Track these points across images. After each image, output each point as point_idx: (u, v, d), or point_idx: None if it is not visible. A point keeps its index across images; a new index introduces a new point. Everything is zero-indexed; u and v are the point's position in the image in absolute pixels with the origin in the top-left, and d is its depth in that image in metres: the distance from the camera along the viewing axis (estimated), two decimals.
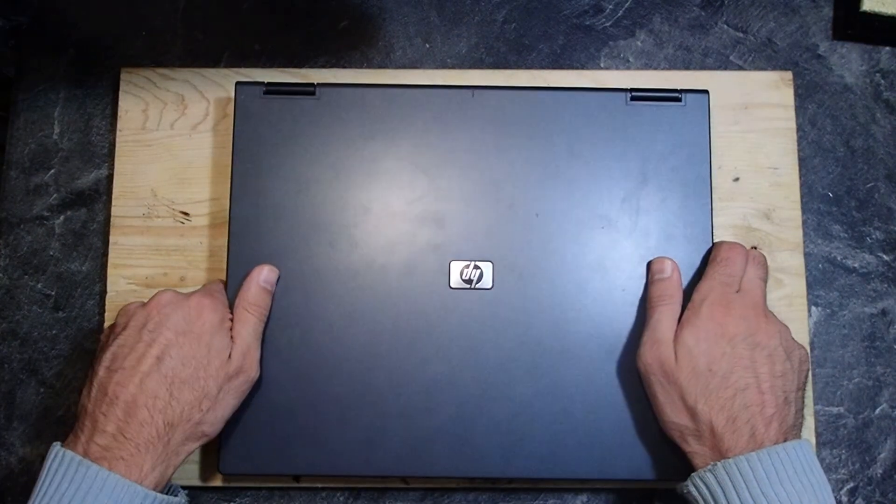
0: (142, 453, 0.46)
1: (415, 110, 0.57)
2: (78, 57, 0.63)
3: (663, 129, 0.56)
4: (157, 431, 0.46)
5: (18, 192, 0.61)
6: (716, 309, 0.50)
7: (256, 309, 0.52)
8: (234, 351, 0.51)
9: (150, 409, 0.46)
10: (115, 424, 0.46)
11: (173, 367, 0.48)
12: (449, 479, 0.57)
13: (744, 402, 0.47)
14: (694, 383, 0.49)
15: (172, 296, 0.51)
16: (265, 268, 0.54)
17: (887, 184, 0.61)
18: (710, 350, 0.49)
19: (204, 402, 0.48)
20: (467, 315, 0.54)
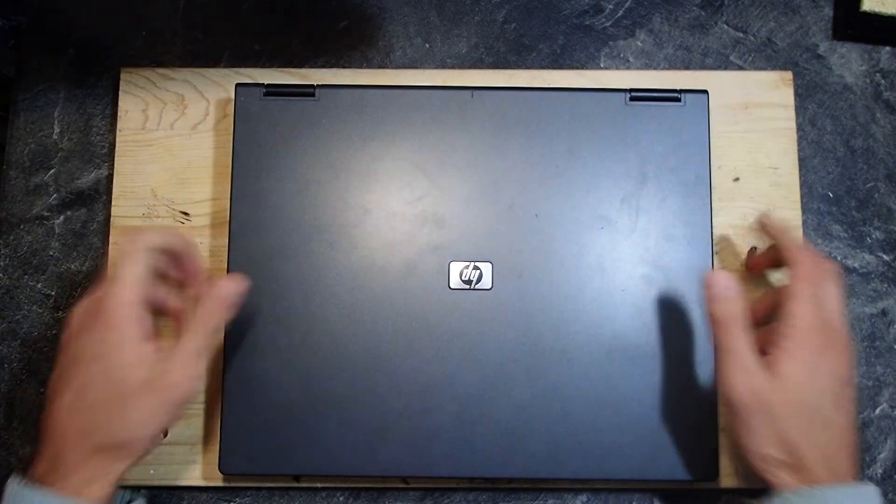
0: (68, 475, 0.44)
1: (415, 111, 0.57)
2: (78, 57, 0.63)
3: (663, 129, 0.56)
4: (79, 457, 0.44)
5: (18, 192, 0.61)
6: (816, 339, 0.47)
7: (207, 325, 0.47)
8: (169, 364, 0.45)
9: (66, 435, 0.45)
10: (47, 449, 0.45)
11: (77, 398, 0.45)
12: (449, 479, 0.57)
13: (840, 443, 0.46)
14: (797, 419, 0.46)
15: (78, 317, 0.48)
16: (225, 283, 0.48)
17: (887, 184, 0.61)
18: (816, 386, 0.46)
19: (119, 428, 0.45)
20: (467, 316, 0.54)
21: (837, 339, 0.48)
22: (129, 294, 0.46)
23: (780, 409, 0.46)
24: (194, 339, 0.47)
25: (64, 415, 0.45)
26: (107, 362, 0.45)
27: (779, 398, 0.46)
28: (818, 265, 0.49)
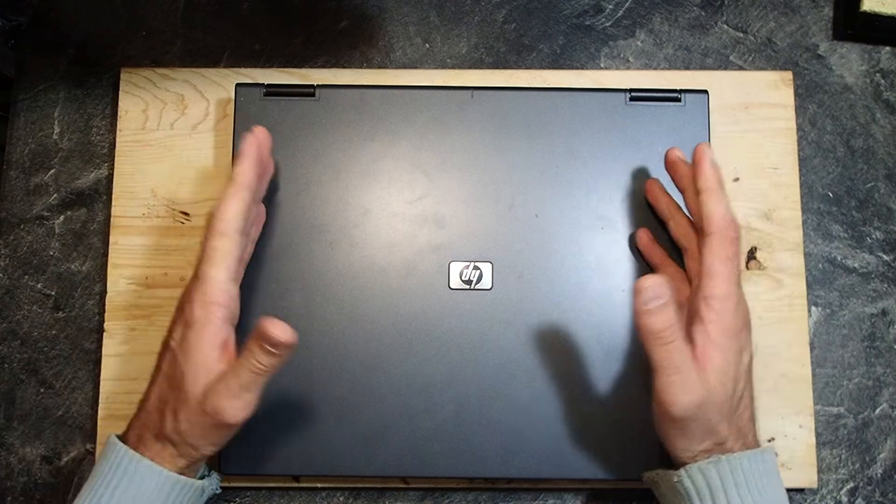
0: (158, 445, 0.47)
1: (414, 111, 0.57)
2: (78, 57, 0.63)
3: (663, 129, 0.56)
4: (152, 439, 0.47)
5: (18, 192, 0.61)
6: (736, 322, 0.47)
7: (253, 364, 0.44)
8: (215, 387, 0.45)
9: (148, 417, 0.48)
10: (136, 419, 0.48)
11: (163, 386, 0.47)
12: (449, 479, 0.57)
13: (748, 415, 0.48)
14: (722, 408, 0.46)
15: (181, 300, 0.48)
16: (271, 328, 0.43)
17: (887, 184, 0.61)
18: (737, 371, 0.46)
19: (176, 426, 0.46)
20: (467, 315, 0.54)
21: (746, 313, 0.48)
22: (215, 294, 0.46)
23: (713, 407, 0.46)
24: (238, 374, 0.44)
25: (152, 395, 0.48)
26: (182, 364, 0.46)
27: (711, 398, 0.45)
28: (734, 235, 0.47)
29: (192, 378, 0.45)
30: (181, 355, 0.46)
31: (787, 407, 0.57)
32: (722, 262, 0.47)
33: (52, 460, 0.58)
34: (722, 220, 0.47)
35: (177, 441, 0.46)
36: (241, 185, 0.48)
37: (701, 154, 0.49)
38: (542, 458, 0.53)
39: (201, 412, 0.45)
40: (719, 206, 0.48)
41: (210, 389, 0.45)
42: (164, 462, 0.46)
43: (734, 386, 0.46)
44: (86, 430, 0.59)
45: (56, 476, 0.58)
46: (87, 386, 0.59)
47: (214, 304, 0.46)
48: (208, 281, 0.46)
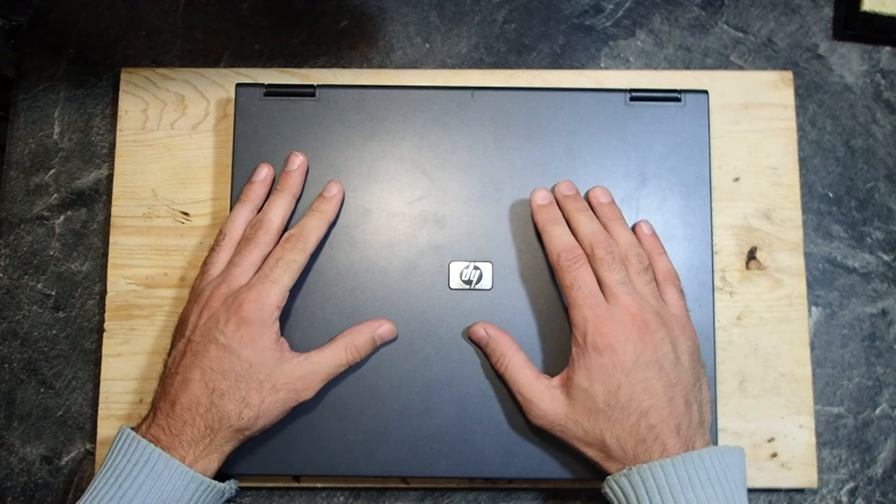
0: (184, 447, 0.48)
1: (414, 111, 0.57)
2: (78, 57, 0.63)
3: (663, 129, 0.56)
4: (199, 432, 0.49)
5: (18, 192, 0.61)
6: (598, 340, 0.49)
7: (354, 352, 0.52)
8: (298, 368, 0.50)
9: (193, 412, 0.49)
10: (166, 419, 0.49)
11: (214, 379, 0.49)
12: (449, 479, 0.57)
13: (648, 424, 0.47)
14: (595, 421, 0.48)
15: (223, 298, 0.51)
16: (385, 325, 0.53)
17: (887, 184, 0.61)
18: (606, 386, 0.48)
19: (245, 412, 0.49)
20: (467, 315, 0.54)
21: (623, 326, 0.49)
22: (279, 299, 0.51)
23: (581, 419, 0.49)
24: (335, 358, 0.52)
25: (196, 391, 0.49)
26: (249, 357, 0.49)
27: (576, 410, 0.49)
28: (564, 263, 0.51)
29: (265, 368, 0.49)
30: (245, 349, 0.49)
31: (787, 407, 0.57)
32: (566, 291, 0.51)
33: (52, 460, 0.58)
34: (551, 254, 0.52)
35: (244, 426, 0.49)
36: (329, 214, 0.54)
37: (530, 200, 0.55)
38: (542, 458, 0.53)
39: (285, 393, 0.50)
40: (547, 242, 0.53)
41: (294, 374, 0.50)
42: (207, 455, 0.49)
43: (606, 400, 0.48)
44: (86, 430, 0.59)
45: (56, 476, 0.58)
46: (87, 386, 0.59)
47: (278, 307, 0.51)
48: (279, 287, 0.51)
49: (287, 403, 0.50)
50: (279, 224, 0.53)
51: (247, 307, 0.49)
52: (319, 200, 0.55)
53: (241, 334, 0.49)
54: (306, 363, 0.51)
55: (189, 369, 0.49)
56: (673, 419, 0.48)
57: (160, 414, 0.49)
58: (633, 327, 0.49)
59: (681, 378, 0.49)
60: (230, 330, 0.49)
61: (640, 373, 0.48)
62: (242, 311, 0.49)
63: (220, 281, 0.51)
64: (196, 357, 0.50)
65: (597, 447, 0.49)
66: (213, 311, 0.50)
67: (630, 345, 0.48)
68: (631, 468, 0.47)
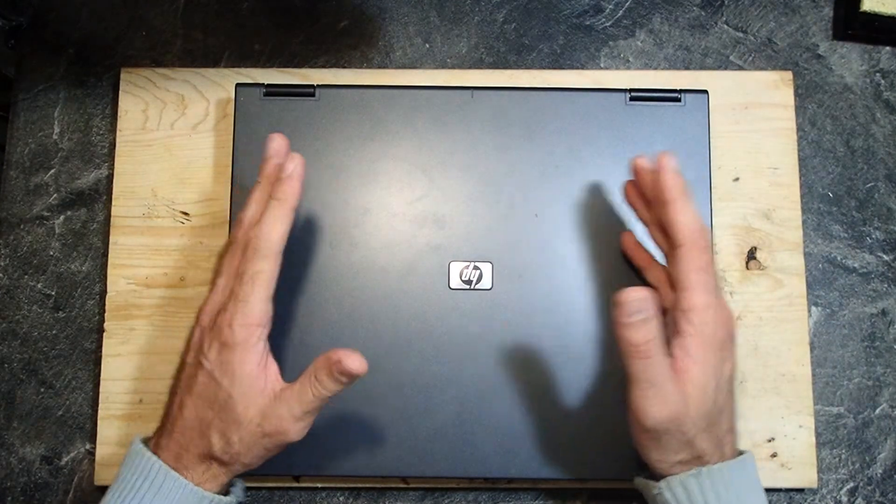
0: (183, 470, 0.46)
1: (415, 111, 0.57)
2: (78, 57, 0.63)
3: (663, 129, 0.57)
4: (195, 459, 0.46)
5: (18, 192, 0.61)
6: (719, 333, 0.46)
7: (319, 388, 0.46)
8: (271, 406, 0.45)
9: (188, 439, 0.46)
10: (167, 440, 0.47)
11: (201, 407, 0.46)
12: (449, 479, 0.57)
13: (727, 426, 0.47)
14: (700, 423, 0.45)
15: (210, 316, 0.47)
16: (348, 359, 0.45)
17: (887, 184, 0.61)
18: (718, 384, 0.46)
19: (226, 447, 0.46)
20: (467, 315, 0.54)
21: (728, 322, 0.47)
22: (257, 316, 0.46)
23: (690, 421, 0.45)
24: (302, 397, 0.45)
25: (189, 416, 0.46)
26: (227, 387, 0.45)
27: (688, 412, 0.45)
28: (704, 244, 0.46)
29: (243, 403, 0.45)
30: (224, 378, 0.45)
31: (787, 407, 0.57)
32: (695, 273, 0.46)
33: (52, 460, 0.58)
34: (689, 230, 0.46)
35: (227, 461, 0.46)
36: (289, 207, 0.47)
37: (662, 164, 0.48)
38: (542, 458, 0.53)
39: (261, 434, 0.45)
40: (685, 215, 0.47)
41: (269, 413, 0.45)
42: (205, 483, 0.46)
43: (714, 399, 0.45)
44: (86, 430, 0.59)
45: (56, 476, 0.58)
46: (87, 386, 0.59)
47: (257, 325, 0.46)
48: (251, 303, 0.45)
49: (266, 446, 0.46)
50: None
51: (225, 332, 0.45)
52: (276, 185, 0.48)
53: (222, 360, 0.45)
54: (278, 402, 0.46)
55: (184, 393, 0.47)
56: (734, 424, 0.48)
57: (164, 433, 0.47)
58: (733, 327, 0.47)
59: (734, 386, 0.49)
60: (213, 355, 0.46)
61: (732, 377, 0.47)
62: (222, 336, 0.45)
63: (210, 294, 0.48)
64: (188, 382, 0.47)
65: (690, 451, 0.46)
66: (202, 331, 0.47)
67: (732, 346, 0.47)
68: (700, 469, 0.45)
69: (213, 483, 0.46)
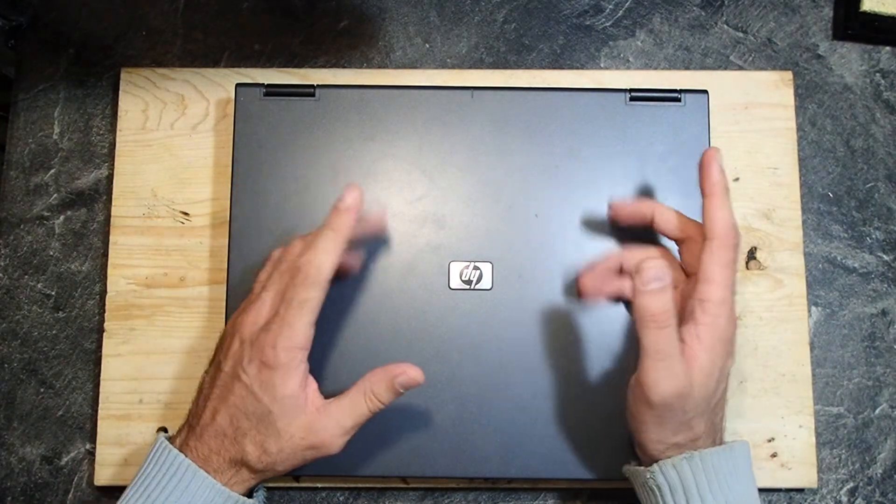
0: (212, 473, 0.47)
1: (414, 111, 0.57)
2: (78, 57, 0.63)
3: (663, 129, 0.56)
4: (224, 463, 0.47)
5: (18, 192, 0.61)
6: (728, 328, 0.48)
7: (375, 402, 0.48)
8: (316, 422, 0.47)
9: (219, 443, 0.47)
10: (196, 442, 0.48)
11: (237, 416, 0.47)
12: (449, 479, 0.57)
13: (722, 414, 0.49)
14: (701, 407, 0.47)
15: (250, 329, 0.48)
16: (409, 372, 0.47)
17: (887, 184, 0.61)
18: (721, 373, 0.47)
19: (263, 457, 0.47)
20: (467, 316, 0.54)
21: (735, 320, 0.48)
22: (302, 340, 0.47)
23: (693, 402, 0.46)
24: (354, 411, 0.48)
25: (222, 422, 0.47)
26: (267, 404, 0.46)
27: (692, 392, 0.46)
28: (734, 241, 0.48)
29: (284, 419, 0.46)
30: (265, 396, 0.46)
31: (787, 407, 0.57)
32: (721, 268, 0.47)
33: (52, 460, 0.58)
34: (723, 226, 0.48)
35: (261, 469, 0.47)
36: (341, 237, 0.48)
37: (709, 159, 0.49)
38: (542, 458, 0.53)
39: (304, 447, 0.47)
40: (722, 211, 0.48)
41: (313, 427, 0.47)
42: (232, 487, 0.47)
43: (716, 388, 0.47)
44: (86, 430, 0.59)
45: (56, 476, 0.58)
46: (87, 386, 0.59)
47: (300, 349, 0.47)
48: (296, 328, 0.46)
49: (306, 457, 0.48)
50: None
51: (267, 352, 0.46)
52: (332, 214, 0.49)
53: (262, 379, 0.46)
54: (326, 414, 0.47)
55: (218, 401, 0.48)
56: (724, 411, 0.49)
57: (192, 435, 0.48)
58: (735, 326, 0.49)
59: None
60: (253, 371, 0.46)
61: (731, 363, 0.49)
62: (263, 356, 0.46)
63: (251, 306, 0.48)
64: (224, 390, 0.48)
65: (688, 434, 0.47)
66: (242, 343, 0.48)
67: (734, 343, 0.49)
68: (692, 454, 0.46)
69: (240, 487, 0.48)
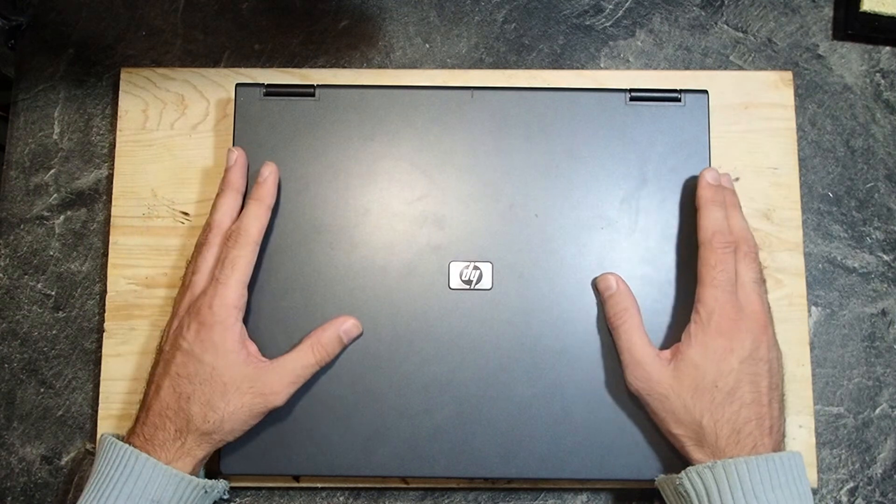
0: (157, 450, 0.49)
1: (414, 111, 0.57)
2: (78, 57, 0.63)
3: (663, 129, 0.56)
4: (170, 435, 0.50)
5: (18, 192, 0.61)
6: (724, 323, 0.50)
7: (322, 351, 0.52)
8: (263, 372, 0.50)
9: (163, 416, 0.50)
10: (141, 427, 0.50)
11: (180, 384, 0.50)
12: (449, 479, 0.57)
13: (747, 416, 0.49)
14: (698, 399, 0.49)
15: (187, 306, 0.52)
16: (350, 321, 0.53)
17: (887, 184, 0.61)
18: (719, 367, 0.49)
19: (210, 415, 0.49)
20: (467, 316, 0.54)
21: (748, 318, 0.50)
22: (235, 298, 0.51)
23: (683, 392, 0.49)
24: (302, 359, 0.52)
25: (166, 396, 0.50)
26: (210, 361, 0.50)
27: (681, 382, 0.50)
28: (718, 244, 0.52)
29: (227, 371, 0.49)
30: (206, 354, 0.50)
31: (787, 407, 0.57)
32: (708, 269, 0.51)
33: (52, 460, 0.58)
34: (707, 231, 0.52)
35: (208, 430, 0.49)
36: (266, 206, 0.53)
37: (700, 177, 0.54)
38: (542, 458, 0.53)
39: (251, 397, 0.50)
40: (706, 220, 0.53)
41: (258, 377, 0.50)
42: (177, 461, 0.49)
43: (715, 381, 0.49)
44: (86, 430, 0.59)
45: (56, 476, 0.58)
46: (87, 386, 0.59)
47: (235, 307, 0.51)
48: (230, 286, 0.51)
49: (255, 408, 0.50)
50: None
51: (204, 312, 0.50)
52: (255, 187, 0.54)
53: (202, 338, 0.50)
54: (272, 366, 0.51)
55: (161, 377, 0.51)
56: (768, 420, 0.49)
57: (138, 422, 0.51)
58: (755, 323, 0.50)
59: (779, 385, 0.51)
60: (191, 335, 0.50)
61: (752, 366, 0.49)
62: (200, 316, 0.50)
63: (186, 289, 0.53)
64: (166, 365, 0.51)
65: (690, 427, 0.49)
66: (179, 320, 0.52)
67: (750, 338, 0.50)
68: (716, 462, 0.47)
69: (186, 459, 0.50)
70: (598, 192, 0.56)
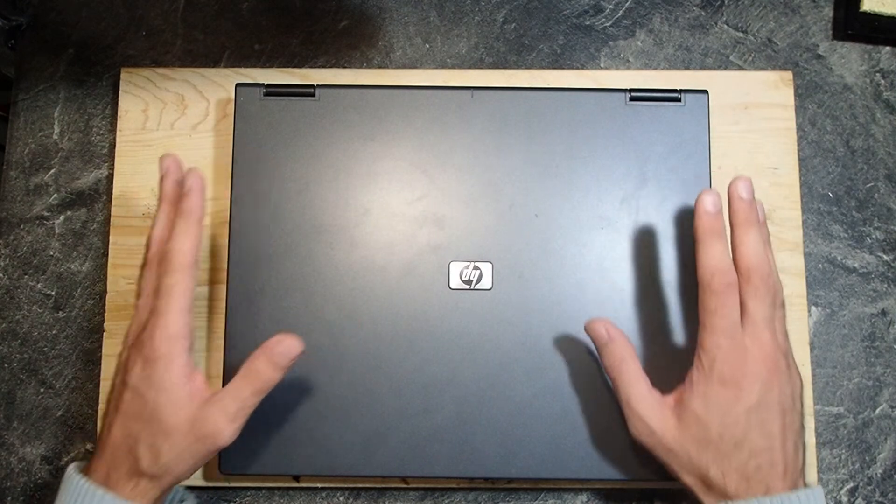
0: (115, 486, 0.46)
1: (414, 111, 0.57)
2: (78, 57, 0.63)
3: (663, 129, 0.56)
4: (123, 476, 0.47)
5: (18, 192, 0.61)
6: (727, 371, 0.46)
7: (257, 380, 0.47)
8: (200, 411, 0.46)
9: (116, 457, 0.47)
10: (98, 462, 0.47)
11: (128, 423, 0.47)
12: (449, 479, 0.57)
13: (758, 464, 0.46)
14: (703, 451, 0.46)
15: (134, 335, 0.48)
16: (285, 342, 0.47)
17: (887, 184, 0.61)
18: (723, 419, 0.46)
19: (156, 459, 0.46)
20: (467, 316, 0.54)
21: (755, 362, 0.47)
22: (176, 329, 0.47)
23: (687, 445, 0.47)
24: (239, 390, 0.47)
25: (116, 435, 0.47)
26: (153, 399, 0.46)
27: (685, 434, 0.47)
28: (717, 286, 0.47)
29: (169, 411, 0.46)
30: (150, 391, 0.46)
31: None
32: (708, 314, 0.47)
33: (52, 460, 0.58)
34: (705, 272, 0.48)
35: (157, 473, 0.46)
36: (194, 220, 0.49)
37: (696, 203, 0.49)
38: (542, 458, 0.53)
39: (193, 439, 0.46)
40: (703, 256, 0.48)
41: (200, 417, 0.46)
42: (134, 500, 0.46)
43: (720, 433, 0.46)
44: (86, 430, 0.59)
45: (56, 476, 0.58)
46: (87, 386, 0.59)
47: (178, 337, 0.47)
48: (170, 315, 0.47)
49: (200, 452, 0.46)
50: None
51: (147, 346, 0.46)
52: (180, 200, 0.49)
53: (146, 374, 0.46)
54: (212, 401, 0.47)
55: (112, 413, 0.48)
56: (782, 462, 0.46)
57: (95, 456, 0.48)
58: (763, 366, 0.46)
59: (794, 422, 0.47)
60: (137, 370, 0.47)
61: (760, 413, 0.46)
62: (144, 350, 0.47)
63: (134, 314, 0.49)
64: (116, 402, 0.48)
65: (697, 477, 0.47)
66: (128, 351, 0.48)
67: (758, 384, 0.46)
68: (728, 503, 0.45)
69: (143, 499, 0.46)
70: (598, 192, 0.56)
